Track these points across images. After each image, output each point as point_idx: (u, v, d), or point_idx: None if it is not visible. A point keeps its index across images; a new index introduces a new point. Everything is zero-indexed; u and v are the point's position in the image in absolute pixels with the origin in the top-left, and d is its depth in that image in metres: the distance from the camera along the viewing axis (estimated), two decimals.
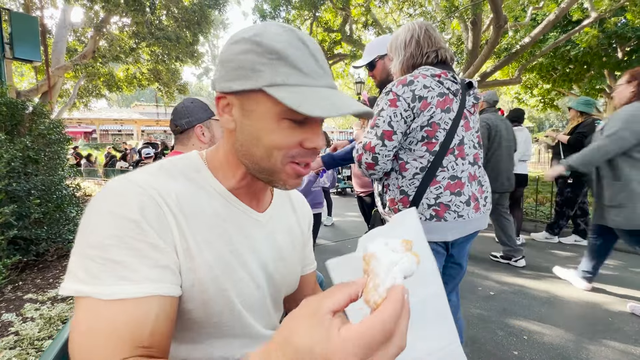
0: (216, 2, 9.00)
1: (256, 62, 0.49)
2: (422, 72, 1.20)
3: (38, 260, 2.98)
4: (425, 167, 1.18)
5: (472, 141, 1.24)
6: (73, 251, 0.47)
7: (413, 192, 1.19)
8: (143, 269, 0.46)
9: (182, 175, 0.56)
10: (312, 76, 0.51)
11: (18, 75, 11.60)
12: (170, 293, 0.48)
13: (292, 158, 0.53)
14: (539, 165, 12.21)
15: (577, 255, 3.61)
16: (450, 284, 1.39)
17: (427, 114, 1.15)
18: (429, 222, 1.17)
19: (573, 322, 2.26)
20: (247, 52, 0.50)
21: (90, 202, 0.49)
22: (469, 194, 1.19)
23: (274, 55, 0.49)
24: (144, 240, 0.47)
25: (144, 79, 10.96)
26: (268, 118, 0.51)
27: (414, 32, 1.27)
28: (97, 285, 0.43)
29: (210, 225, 0.55)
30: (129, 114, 26.72)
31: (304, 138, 0.52)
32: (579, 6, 8.20)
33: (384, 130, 1.16)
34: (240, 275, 0.58)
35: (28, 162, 3.01)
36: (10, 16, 4.29)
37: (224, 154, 0.59)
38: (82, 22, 8.99)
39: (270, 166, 0.54)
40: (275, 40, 0.49)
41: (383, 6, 9.65)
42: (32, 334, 1.78)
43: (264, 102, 0.50)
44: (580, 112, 3.70)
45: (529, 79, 11.36)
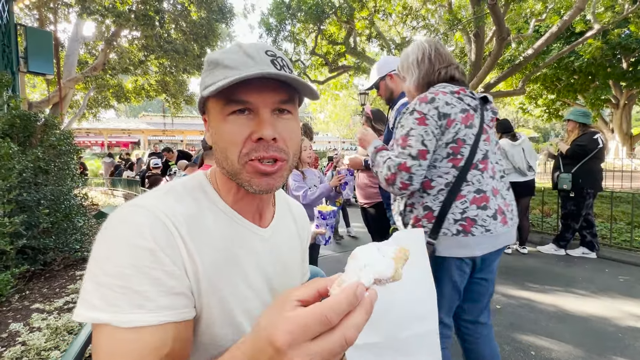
0: (223, 16, 9.23)
1: (204, 77, 0.56)
2: (441, 90, 1.20)
3: (45, 270, 3.01)
4: (450, 183, 1.17)
5: (493, 155, 1.25)
6: (86, 278, 0.48)
7: (438, 207, 1.17)
8: (159, 297, 0.47)
9: (190, 196, 0.58)
10: (239, 68, 0.53)
11: (30, 87, 11.91)
12: (185, 318, 0.49)
13: (247, 156, 0.53)
14: (544, 175, 12.11)
15: (585, 268, 3.56)
16: (480, 303, 1.34)
17: (452, 131, 1.15)
18: (455, 238, 1.15)
19: (582, 338, 2.22)
20: (203, 72, 0.58)
21: (102, 230, 0.50)
22: (495, 208, 1.18)
23: (211, 65, 0.56)
24: (159, 268, 0.48)
25: (152, 90, 11.19)
26: (217, 120, 0.55)
27: (424, 51, 1.29)
28: (116, 314, 0.44)
29: (217, 247, 0.56)
30: (137, 124, 27.16)
31: (251, 131, 0.53)
32: (582, 18, 8.27)
33: (419, 150, 1.15)
34: (246, 294, 0.59)
35: (39, 172, 3.07)
36: (25, 31, 4.45)
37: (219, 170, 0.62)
38: (93, 35, 9.27)
39: (230, 167, 0.55)
40: (217, 53, 0.56)
41: (387, 19, 9.81)
42: (38, 344, 1.79)
43: (211, 107, 0.57)
44: (579, 123, 3.71)
45: (533, 90, 11.39)
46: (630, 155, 13.91)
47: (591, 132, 3.67)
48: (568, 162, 3.76)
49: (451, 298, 1.25)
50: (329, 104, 17.35)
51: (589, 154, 3.62)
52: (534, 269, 3.54)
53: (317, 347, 0.31)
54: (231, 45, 0.58)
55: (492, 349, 1.36)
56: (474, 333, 1.35)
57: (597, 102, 10.80)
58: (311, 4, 8.31)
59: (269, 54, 0.56)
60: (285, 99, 0.56)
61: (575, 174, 3.69)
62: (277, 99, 0.55)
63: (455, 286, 1.23)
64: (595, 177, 3.72)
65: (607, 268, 3.55)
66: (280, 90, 0.55)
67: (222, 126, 0.54)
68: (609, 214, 4.66)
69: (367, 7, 8.84)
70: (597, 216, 5.10)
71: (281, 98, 0.55)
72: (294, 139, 0.58)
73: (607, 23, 7.45)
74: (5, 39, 3.86)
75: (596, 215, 4.95)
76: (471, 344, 1.36)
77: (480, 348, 1.35)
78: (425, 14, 9.50)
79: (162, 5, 8.32)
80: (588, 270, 3.50)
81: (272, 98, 0.54)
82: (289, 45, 9.79)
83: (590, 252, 3.88)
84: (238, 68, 0.53)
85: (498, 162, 1.27)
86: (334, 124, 23.90)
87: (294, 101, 0.59)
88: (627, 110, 13.95)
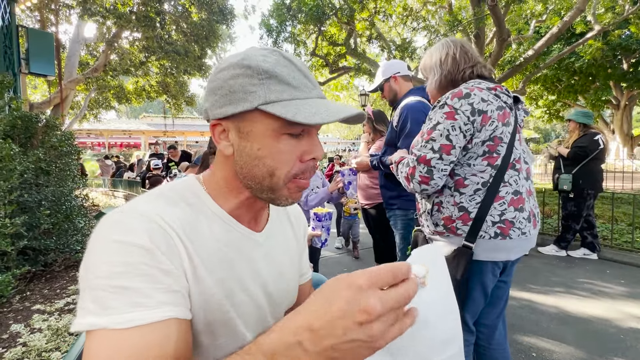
0: (224, 17, 9.25)
1: (248, 84, 0.51)
2: (477, 85, 1.15)
3: (46, 271, 3.01)
4: (487, 182, 1.12)
5: (524, 156, 1.21)
6: (81, 287, 0.46)
7: (475, 208, 1.12)
8: (157, 294, 0.45)
9: (183, 200, 0.56)
10: (302, 89, 0.53)
11: (31, 88, 11.94)
12: (186, 316, 0.48)
13: (294, 175, 0.54)
14: (545, 176, 12.10)
15: (586, 269, 3.55)
16: (497, 306, 1.31)
17: (489, 128, 1.11)
18: (493, 241, 1.11)
19: (583, 339, 2.21)
20: (237, 77, 0.52)
21: (92, 236, 0.48)
22: (529, 210, 1.15)
23: (264, 75, 0.51)
24: (156, 266, 0.46)
25: (153, 91, 11.21)
26: (267, 136, 0.52)
27: (449, 50, 1.25)
28: (111, 316, 0.42)
29: (212, 250, 0.56)
30: (137, 125, 27.19)
31: (303, 151, 0.54)
32: (582, 19, 8.28)
33: (442, 144, 1.11)
34: (241, 298, 0.59)
35: (40, 173, 3.08)
36: (27, 33, 4.46)
37: (223, 179, 0.59)
38: (94, 37, 9.30)
39: (272, 185, 0.55)
40: (263, 61, 0.52)
41: (387, 20, 9.83)
42: (39, 345, 1.79)
43: (260, 121, 0.52)
44: (581, 124, 3.71)
45: (533, 91, 11.39)
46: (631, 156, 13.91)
47: (592, 133, 3.67)
48: (569, 163, 3.76)
49: (479, 302, 1.23)
50: None
51: (589, 155, 3.61)
52: (535, 270, 3.53)
53: (386, 295, 0.35)
54: (275, 54, 0.54)
55: (506, 356, 1.34)
56: (489, 337, 1.33)
57: (597, 103, 10.80)
58: (311, 5, 8.32)
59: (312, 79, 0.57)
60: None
61: (575, 175, 3.68)
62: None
63: (484, 290, 1.20)
64: (596, 178, 3.72)
65: (608, 269, 3.54)
66: None
67: (274, 144, 0.53)
68: (610, 215, 4.66)
69: (367, 8, 8.85)
70: (598, 217, 5.09)
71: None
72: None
73: (607, 24, 7.46)
74: (7, 41, 3.87)
75: (597, 216, 4.94)
76: (485, 349, 1.33)
77: (493, 353, 1.32)
78: (426, 15, 9.51)
79: (163, 6, 8.34)
80: (589, 271, 3.49)
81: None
82: (290, 46, 9.81)
83: (591, 253, 3.87)
84: (302, 89, 0.53)
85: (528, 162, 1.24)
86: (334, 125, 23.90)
87: None
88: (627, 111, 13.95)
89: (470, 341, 1.29)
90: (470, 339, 1.29)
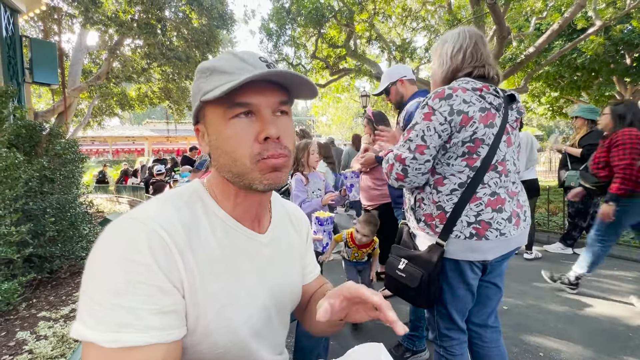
0: (224, 22, 9.32)
1: (199, 85, 0.57)
2: (462, 85, 1.14)
3: (51, 278, 3.04)
4: (464, 183, 1.13)
5: (512, 157, 1.20)
6: (82, 290, 0.47)
7: (451, 208, 1.13)
8: (149, 316, 0.46)
9: (186, 205, 0.57)
10: (238, 73, 0.54)
11: (36, 97, 12.08)
12: (174, 338, 0.49)
13: (259, 155, 0.55)
14: (550, 174, 12.00)
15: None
16: (488, 306, 1.31)
17: (469, 129, 1.10)
18: (469, 241, 1.12)
19: (591, 338, 2.18)
20: (196, 81, 0.58)
21: (97, 244, 0.49)
22: (510, 210, 1.14)
23: (207, 72, 0.56)
24: (153, 284, 0.47)
25: (155, 98, 11.29)
26: (217, 124, 0.55)
27: (463, 42, 1.19)
28: (100, 332, 0.44)
29: (216, 256, 0.56)
30: (141, 131, 27.40)
31: (257, 132, 0.55)
32: (583, 15, 8.23)
33: (417, 144, 1.13)
34: (247, 301, 0.59)
35: (44, 181, 3.11)
36: (30, 43, 4.53)
37: (217, 180, 0.62)
38: (97, 45, 9.40)
39: (239, 169, 0.56)
40: (211, 61, 0.57)
41: (386, 21, 9.84)
42: (45, 352, 1.80)
43: (209, 114, 0.57)
44: (588, 120, 3.65)
45: (535, 88, 11.32)
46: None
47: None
48: (576, 160, 3.69)
49: (465, 300, 1.23)
50: (331, 107, 17.40)
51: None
52: (541, 268, 3.49)
53: None
54: (223, 54, 0.58)
55: (501, 353, 1.33)
56: (482, 337, 1.33)
57: (601, 98, 10.70)
58: (311, 8, 8.36)
59: (262, 60, 0.57)
60: (284, 99, 0.58)
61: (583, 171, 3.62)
62: (278, 100, 0.57)
63: (469, 289, 1.20)
64: None
65: (615, 266, 3.50)
66: (279, 92, 0.57)
67: (225, 130, 0.55)
68: None
69: (366, 9, 8.88)
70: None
71: (281, 99, 0.57)
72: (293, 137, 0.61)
73: (608, 19, 7.40)
74: (11, 51, 3.93)
75: None
76: (479, 347, 1.34)
77: (488, 352, 1.32)
78: (425, 15, 9.52)
79: (164, 13, 8.42)
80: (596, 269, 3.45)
81: (273, 99, 0.56)
82: (290, 49, 9.86)
83: None
84: (236, 72, 0.54)
85: (516, 164, 1.23)
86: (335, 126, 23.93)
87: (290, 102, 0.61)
88: None
89: (462, 339, 1.29)
90: (461, 337, 1.29)
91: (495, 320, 1.36)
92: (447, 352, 1.29)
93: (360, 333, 2.32)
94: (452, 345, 1.28)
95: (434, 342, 1.36)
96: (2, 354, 1.85)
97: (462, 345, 1.29)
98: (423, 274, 1.16)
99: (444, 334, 1.29)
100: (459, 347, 1.28)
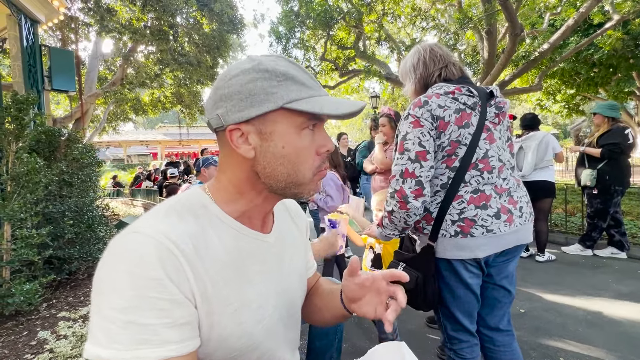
0: (234, 27, 9.44)
1: (267, 86, 0.53)
2: (435, 91, 1.19)
3: (70, 279, 3.12)
4: (445, 184, 1.16)
5: (497, 153, 1.19)
6: (92, 310, 0.47)
7: (436, 209, 1.16)
8: (164, 330, 0.46)
9: (190, 213, 0.56)
10: (315, 88, 0.57)
11: (54, 103, 12.49)
12: (189, 351, 0.49)
13: (318, 169, 0.58)
14: (566, 173, 11.67)
15: (614, 269, 3.39)
16: (498, 309, 1.28)
17: (447, 133, 1.14)
18: (454, 239, 1.13)
19: (615, 343, 2.10)
20: (255, 80, 0.54)
21: (105, 260, 0.49)
22: (498, 207, 1.13)
23: (281, 77, 0.54)
24: (165, 298, 0.47)
25: (168, 102, 11.52)
26: (290, 133, 0.55)
27: (419, 55, 1.30)
28: (118, 351, 0.44)
29: (224, 262, 0.56)
30: (154, 135, 27.97)
31: (318, 145, 0.58)
32: (600, 9, 7.99)
33: (417, 152, 1.13)
34: (259, 302, 0.59)
35: (63, 185, 3.21)
36: (49, 51, 4.69)
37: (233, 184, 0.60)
38: (111, 52, 9.66)
39: (299, 180, 0.57)
40: (277, 65, 0.56)
41: (395, 21, 9.79)
42: (65, 351, 1.85)
43: (282, 120, 0.55)
44: (609, 117, 3.51)
45: (550, 85, 11.04)
46: None
47: (621, 127, 3.41)
48: (593, 158, 3.57)
49: (467, 301, 1.21)
50: None
51: (625, 151, 3.37)
52: (560, 270, 3.40)
53: None
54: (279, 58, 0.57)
55: (514, 358, 1.29)
56: (494, 341, 1.30)
57: (620, 95, 10.34)
58: (319, 10, 8.38)
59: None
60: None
61: (601, 170, 3.47)
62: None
63: (469, 288, 1.18)
64: (623, 174, 3.50)
65: (638, 268, 3.37)
66: None
67: (296, 140, 0.56)
68: (639, 211, 4.43)
69: (375, 10, 8.85)
70: (626, 214, 4.85)
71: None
72: None
73: (627, 13, 7.16)
74: (31, 60, 4.07)
75: (624, 213, 4.71)
76: (492, 352, 1.30)
77: (501, 356, 1.29)
78: (435, 14, 9.42)
79: (176, 20, 8.58)
80: (618, 271, 3.33)
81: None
82: (299, 52, 9.89)
83: (619, 252, 3.69)
84: (314, 88, 0.57)
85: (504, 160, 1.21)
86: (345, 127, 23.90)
87: None
88: None
89: (471, 342, 1.26)
90: (471, 340, 1.26)
91: (508, 324, 1.32)
92: (457, 355, 1.26)
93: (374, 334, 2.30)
94: (462, 348, 1.25)
95: (444, 346, 1.34)
96: (25, 353, 1.91)
97: (472, 348, 1.26)
98: (418, 276, 1.18)
99: (452, 336, 1.27)
100: (469, 350, 1.25)
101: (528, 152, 3.54)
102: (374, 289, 0.62)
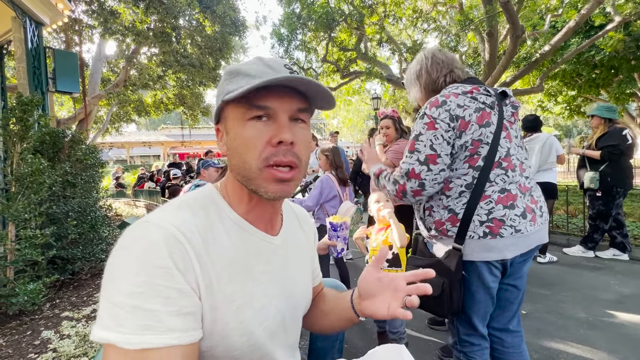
0: (236, 29, 9.49)
1: (224, 85, 0.58)
2: (453, 91, 1.17)
3: (73, 279, 3.14)
4: (470, 184, 1.13)
5: (517, 152, 1.19)
6: (102, 295, 0.49)
7: (461, 209, 1.13)
8: (169, 318, 0.47)
9: (201, 208, 0.58)
10: (261, 76, 0.55)
11: (58, 105, 12.56)
12: (192, 340, 0.50)
13: (266, 161, 0.55)
14: (568, 174, 11.64)
15: (616, 270, 3.38)
16: (509, 310, 1.28)
17: (468, 133, 1.12)
18: (483, 240, 1.10)
19: (617, 345, 2.10)
20: (221, 83, 0.60)
21: (116, 248, 0.50)
22: (523, 206, 1.12)
23: (233, 74, 0.58)
24: (172, 286, 0.48)
25: (170, 104, 11.56)
26: (236, 125, 0.56)
27: (422, 63, 1.31)
28: (123, 334, 0.45)
29: (231, 258, 0.57)
30: (157, 136, 28.07)
31: (271, 135, 0.55)
32: (601, 11, 7.98)
33: (427, 155, 1.12)
34: (262, 302, 0.60)
35: (67, 185, 3.23)
36: (53, 53, 4.72)
37: (231, 183, 0.62)
38: (115, 54, 9.72)
39: (247, 172, 0.56)
40: (242, 65, 0.58)
41: (397, 23, 9.80)
42: (68, 351, 1.86)
43: (229, 114, 0.58)
44: (605, 119, 3.52)
45: (552, 87, 11.03)
46: None
47: (619, 129, 3.43)
48: (594, 160, 3.57)
49: (486, 304, 1.20)
50: (342, 109, 17.40)
51: (625, 152, 3.38)
52: (561, 272, 3.39)
53: None
54: (251, 59, 0.60)
55: (523, 359, 1.29)
56: (504, 342, 1.29)
57: (622, 96, 10.31)
58: (321, 12, 8.41)
59: (287, 67, 0.58)
60: (303, 107, 0.58)
61: (603, 172, 3.47)
62: (296, 106, 0.57)
63: (489, 291, 1.17)
64: (625, 175, 3.51)
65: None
66: (298, 99, 0.57)
67: (242, 131, 0.55)
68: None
69: (376, 12, 8.87)
70: (628, 215, 4.84)
71: (299, 106, 0.58)
72: (307, 147, 0.60)
73: (628, 14, 7.15)
74: (36, 62, 4.11)
75: (626, 214, 4.70)
76: (500, 353, 1.29)
77: (510, 357, 1.28)
78: (436, 16, 9.43)
79: (178, 22, 8.63)
80: (620, 272, 3.32)
81: (291, 105, 0.56)
82: (301, 54, 9.92)
83: (621, 253, 3.68)
84: (260, 76, 0.55)
85: (521, 158, 1.21)
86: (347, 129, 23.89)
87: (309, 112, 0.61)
88: None
89: (483, 345, 1.25)
90: (482, 343, 1.25)
91: (517, 324, 1.31)
92: (467, 358, 1.26)
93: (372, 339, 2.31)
94: (473, 351, 1.25)
95: (453, 347, 1.33)
96: (28, 352, 1.93)
97: (483, 351, 1.25)
98: (444, 282, 1.13)
99: (465, 340, 1.26)
100: (480, 353, 1.25)
101: (532, 154, 3.55)
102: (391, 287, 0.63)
